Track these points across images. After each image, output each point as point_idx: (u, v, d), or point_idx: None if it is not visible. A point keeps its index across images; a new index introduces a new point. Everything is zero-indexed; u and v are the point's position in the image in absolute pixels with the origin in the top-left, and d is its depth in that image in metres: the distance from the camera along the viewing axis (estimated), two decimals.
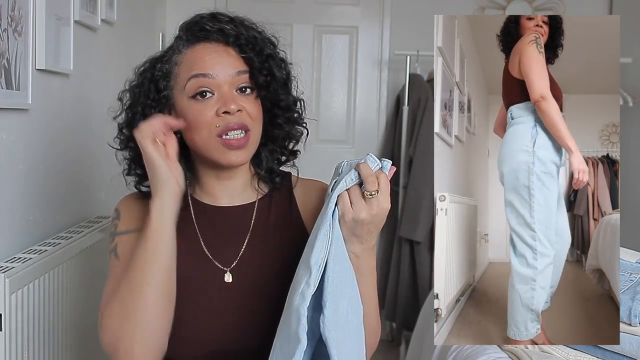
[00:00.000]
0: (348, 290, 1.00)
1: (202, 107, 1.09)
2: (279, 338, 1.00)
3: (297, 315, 0.94)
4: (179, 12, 3.36)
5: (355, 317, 1.01)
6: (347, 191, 1.00)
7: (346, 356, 0.96)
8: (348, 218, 1.00)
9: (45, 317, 1.59)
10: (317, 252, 0.97)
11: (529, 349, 1.55)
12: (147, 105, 1.13)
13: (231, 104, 1.08)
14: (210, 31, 1.12)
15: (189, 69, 1.11)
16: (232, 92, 1.11)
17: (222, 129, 1.09)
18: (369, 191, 0.99)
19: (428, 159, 3.04)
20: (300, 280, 0.98)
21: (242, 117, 1.10)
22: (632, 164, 3.31)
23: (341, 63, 3.65)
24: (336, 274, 0.98)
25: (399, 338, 3.27)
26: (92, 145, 2.11)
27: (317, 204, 1.19)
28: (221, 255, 1.16)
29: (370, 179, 0.99)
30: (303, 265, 1.00)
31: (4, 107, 1.53)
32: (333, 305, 0.96)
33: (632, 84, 3.26)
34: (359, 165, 1.00)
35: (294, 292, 0.98)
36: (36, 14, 1.66)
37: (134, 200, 1.20)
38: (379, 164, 1.00)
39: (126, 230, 1.15)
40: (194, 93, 1.10)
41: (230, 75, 1.11)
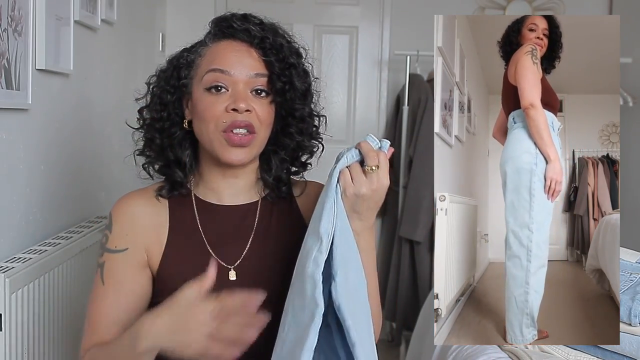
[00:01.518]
0: (354, 263, 1.03)
1: (214, 100, 1.11)
2: (290, 311, 1.01)
3: (313, 281, 0.96)
4: (179, 12, 3.39)
5: (362, 290, 1.03)
6: (348, 167, 1.04)
7: (359, 325, 0.97)
8: (349, 193, 1.02)
9: (45, 317, 1.59)
10: (325, 222, 1.00)
11: (529, 348, 1.55)
12: (165, 90, 1.16)
13: (241, 102, 1.10)
14: (237, 29, 1.14)
15: (209, 62, 1.13)
16: (247, 92, 1.12)
17: (228, 125, 1.10)
18: (369, 166, 1.02)
19: (428, 159, 3.04)
20: (311, 249, 0.99)
21: (250, 118, 1.11)
22: (632, 164, 3.31)
23: (341, 63, 3.65)
24: (343, 246, 1.00)
25: (399, 338, 3.27)
26: (92, 145, 2.11)
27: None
28: (225, 253, 1.17)
29: (371, 154, 1.02)
30: (311, 235, 1.02)
31: (4, 107, 1.53)
32: (343, 274, 0.98)
33: (632, 84, 3.26)
34: (359, 143, 1.04)
35: (305, 261, 0.99)
36: (36, 14, 1.66)
37: (129, 205, 1.18)
38: (378, 144, 1.05)
39: (115, 249, 1.15)
40: (210, 86, 1.12)
41: (247, 76, 1.12)
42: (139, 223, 1.16)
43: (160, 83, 1.18)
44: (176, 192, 1.19)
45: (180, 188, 1.19)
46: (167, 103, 1.16)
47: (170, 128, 1.17)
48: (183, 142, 1.18)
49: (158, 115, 1.17)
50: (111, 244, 1.15)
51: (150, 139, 1.18)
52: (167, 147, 1.17)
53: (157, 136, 1.17)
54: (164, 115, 1.17)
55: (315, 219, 1.03)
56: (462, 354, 1.57)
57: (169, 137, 1.17)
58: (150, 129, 1.18)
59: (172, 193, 1.19)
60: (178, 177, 1.18)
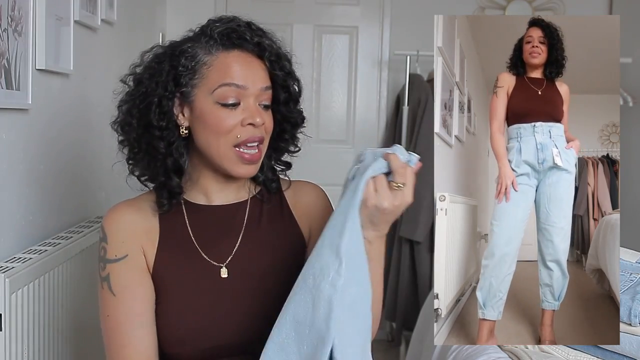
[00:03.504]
0: (360, 275, 1.00)
1: (227, 114, 1.10)
2: (291, 321, 0.98)
3: (329, 306, 0.94)
4: (179, 12, 3.39)
5: (362, 304, 1.01)
6: (373, 179, 1.01)
7: (347, 339, 0.96)
8: (370, 204, 1.00)
9: (45, 317, 1.59)
10: (347, 241, 0.97)
11: (529, 348, 1.55)
12: (164, 96, 1.12)
13: (257, 116, 1.10)
14: (249, 41, 1.12)
15: (222, 75, 1.10)
16: (256, 105, 1.12)
17: (244, 139, 1.10)
18: (397, 183, 1.00)
19: (428, 159, 3.03)
20: (328, 267, 0.97)
21: (262, 131, 1.13)
22: (632, 164, 3.31)
23: (341, 63, 3.65)
24: (350, 260, 0.98)
25: (399, 338, 3.27)
26: (92, 145, 2.11)
27: (307, 203, 1.24)
28: (216, 252, 1.17)
29: (400, 171, 1.00)
30: (329, 250, 0.98)
31: (4, 107, 1.53)
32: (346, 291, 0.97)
33: (632, 84, 3.26)
34: (388, 155, 1.02)
35: (320, 278, 0.97)
36: (36, 14, 1.65)
37: (119, 214, 1.17)
38: (407, 157, 1.02)
39: (115, 258, 1.14)
40: (224, 102, 1.10)
41: (259, 89, 1.12)
42: (131, 229, 1.16)
43: (157, 90, 1.12)
44: (174, 201, 1.17)
45: (178, 196, 1.17)
46: (167, 111, 1.12)
47: (170, 137, 1.14)
48: (181, 149, 1.17)
49: (157, 124, 1.12)
50: (111, 254, 1.15)
51: (154, 147, 1.13)
52: (167, 156, 1.15)
53: (161, 145, 1.13)
54: (163, 124, 1.12)
55: (333, 231, 1.00)
56: (462, 354, 1.57)
57: (169, 146, 1.14)
58: (147, 136, 1.13)
59: (171, 202, 1.17)
60: (176, 186, 1.16)
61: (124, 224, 1.16)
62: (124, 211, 1.18)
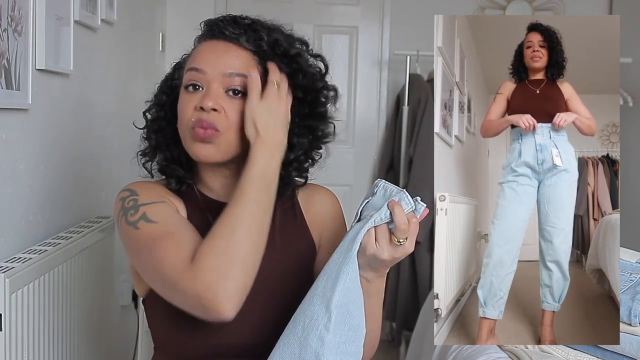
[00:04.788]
0: (352, 319, 1.00)
1: (188, 99, 1.11)
2: (276, 357, 1.00)
3: (315, 358, 0.96)
4: (179, 12, 3.39)
5: (353, 344, 1.00)
6: (375, 228, 0.98)
7: None
8: (369, 253, 0.99)
9: (45, 317, 1.59)
10: (338, 296, 0.97)
11: (529, 348, 1.55)
12: (162, 91, 1.20)
13: (208, 101, 1.08)
14: (221, 27, 1.13)
15: (190, 62, 1.14)
16: (219, 90, 1.10)
17: (194, 123, 1.09)
18: (398, 238, 0.98)
19: (428, 159, 3.04)
20: (317, 318, 0.97)
21: (216, 118, 1.08)
22: (632, 164, 3.31)
23: (341, 63, 3.65)
24: (343, 305, 0.98)
25: (399, 338, 3.27)
26: (92, 145, 2.11)
27: (321, 210, 1.23)
28: None
29: (402, 227, 0.97)
30: (320, 300, 0.98)
31: (4, 107, 1.53)
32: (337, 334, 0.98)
33: (632, 84, 3.26)
34: (393, 206, 0.98)
35: (311, 329, 0.97)
36: (36, 14, 1.65)
37: (145, 182, 1.19)
38: (413, 206, 0.99)
39: (151, 201, 1.10)
40: (186, 84, 1.12)
41: (220, 74, 1.10)
42: (165, 192, 1.16)
43: (162, 85, 1.22)
44: (183, 187, 1.19)
45: (182, 183, 1.19)
46: (164, 104, 1.19)
47: (165, 128, 1.19)
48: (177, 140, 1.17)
49: (155, 116, 1.20)
50: (145, 199, 1.10)
51: (147, 139, 1.21)
52: (162, 145, 1.19)
53: (152, 136, 1.19)
54: (161, 114, 1.19)
55: (327, 281, 0.99)
56: (462, 354, 1.56)
57: (164, 137, 1.19)
58: (148, 129, 1.21)
59: (179, 186, 1.18)
60: (179, 172, 1.18)
61: (155, 186, 1.17)
62: (150, 181, 1.20)
